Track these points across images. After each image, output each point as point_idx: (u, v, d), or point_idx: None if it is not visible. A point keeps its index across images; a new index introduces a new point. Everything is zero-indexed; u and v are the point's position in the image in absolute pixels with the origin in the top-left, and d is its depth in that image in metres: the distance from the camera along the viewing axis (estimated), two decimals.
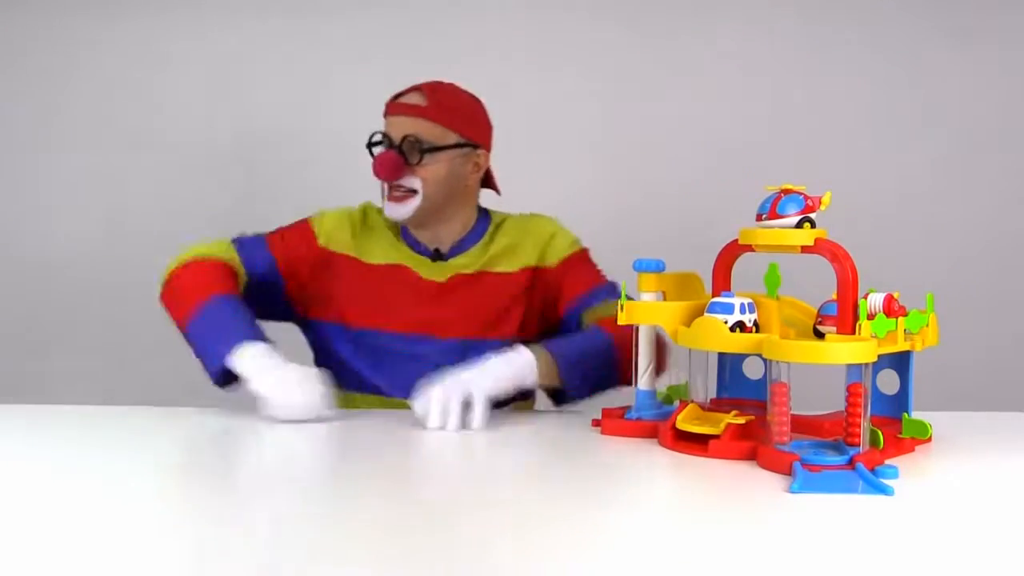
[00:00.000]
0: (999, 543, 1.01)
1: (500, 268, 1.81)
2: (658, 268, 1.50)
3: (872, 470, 1.24)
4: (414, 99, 1.77)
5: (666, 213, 2.83)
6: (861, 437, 1.28)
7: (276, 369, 1.55)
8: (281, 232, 1.85)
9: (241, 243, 1.82)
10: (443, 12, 2.84)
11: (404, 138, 1.74)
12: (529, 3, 2.85)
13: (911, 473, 1.26)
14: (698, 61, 2.84)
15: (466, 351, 1.72)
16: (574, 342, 1.68)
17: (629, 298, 1.48)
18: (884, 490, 1.16)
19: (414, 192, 1.75)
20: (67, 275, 2.90)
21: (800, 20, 2.84)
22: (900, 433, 1.39)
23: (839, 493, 1.16)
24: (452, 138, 1.77)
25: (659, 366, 1.55)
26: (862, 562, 0.95)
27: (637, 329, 1.52)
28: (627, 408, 1.53)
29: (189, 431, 1.54)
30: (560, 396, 1.66)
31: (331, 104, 2.84)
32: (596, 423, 1.53)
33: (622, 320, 1.47)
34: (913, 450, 1.39)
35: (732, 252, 1.47)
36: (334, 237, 1.82)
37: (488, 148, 1.86)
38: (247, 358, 1.56)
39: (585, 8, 2.85)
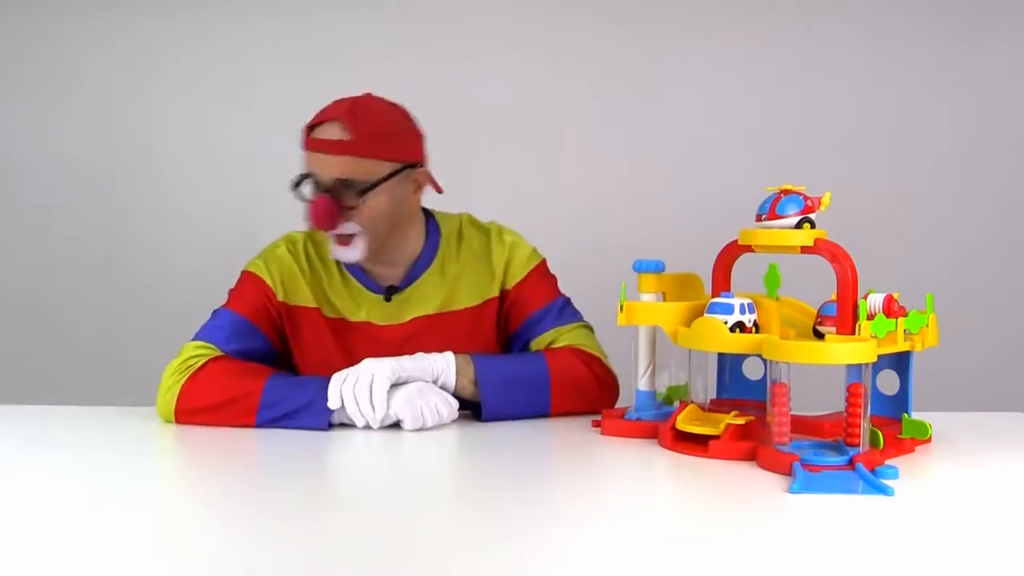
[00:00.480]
0: (999, 543, 1.01)
1: (462, 304, 1.72)
2: (658, 268, 1.50)
3: (872, 470, 1.24)
4: (335, 133, 1.58)
5: (666, 213, 2.83)
6: (861, 437, 1.28)
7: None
8: (230, 297, 1.71)
9: (204, 331, 1.67)
10: (443, 12, 2.84)
11: (335, 181, 1.58)
12: (529, 3, 2.85)
13: (911, 473, 1.26)
14: (698, 61, 2.84)
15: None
16: (504, 359, 1.64)
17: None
18: (884, 490, 1.16)
19: (352, 236, 1.61)
20: (67, 275, 2.90)
21: (800, 20, 2.84)
22: (900, 433, 1.39)
23: (839, 493, 1.16)
24: (386, 168, 1.61)
25: None
26: (862, 562, 0.95)
27: (637, 329, 1.52)
28: (627, 409, 1.53)
29: (189, 431, 1.54)
30: (479, 408, 1.59)
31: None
32: (596, 423, 1.53)
33: (622, 321, 1.47)
34: (913, 450, 1.39)
35: (732, 252, 1.47)
36: (291, 289, 1.70)
37: (423, 161, 1.69)
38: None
39: (585, 8, 2.85)
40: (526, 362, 1.64)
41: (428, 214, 1.78)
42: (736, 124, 2.85)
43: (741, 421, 1.36)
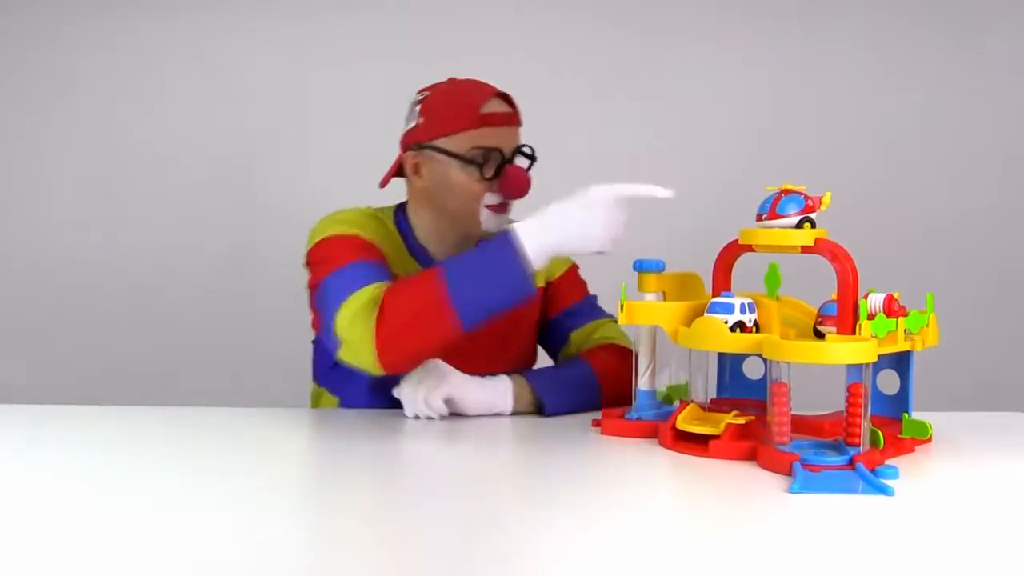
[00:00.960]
0: (999, 543, 1.01)
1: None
2: (658, 268, 1.50)
3: (872, 470, 1.23)
4: (507, 106, 1.68)
5: (666, 213, 2.82)
6: (861, 437, 1.28)
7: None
8: (337, 254, 1.59)
9: (344, 286, 1.53)
10: (443, 12, 2.85)
11: (515, 149, 1.67)
12: (529, 3, 2.85)
13: (911, 473, 1.26)
14: (698, 61, 2.84)
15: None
16: (551, 368, 1.73)
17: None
18: (884, 490, 1.16)
19: (510, 205, 1.68)
20: (67, 275, 2.90)
21: (800, 20, 2.84)
22: (900, 433, 1.39)
23: (839, 493, 1.16)
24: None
25: None
26: (862, 562, 0.95)
27: (638, 329, 1.52)
28: (627, 408, 1.53)
29: (189, 431, 1.54)
30: (543, 411, 1.63)
31: (331, 105, 2.85)
32: (596, 423, 1.53)
33: (622, 320, 1.46)
34: (913, 450, 1.39)
35: (732, 252, 1.47)
36: (383, 248, 1.66)
37: None
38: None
39: (585, 8, 2.85)
40: (574, 368, 1.70)
41: None
42: (736, 124, 2.85)
43: (741, 421, 1.36)
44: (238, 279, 2.87)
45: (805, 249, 1.37)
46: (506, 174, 1.64)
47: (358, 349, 1.47)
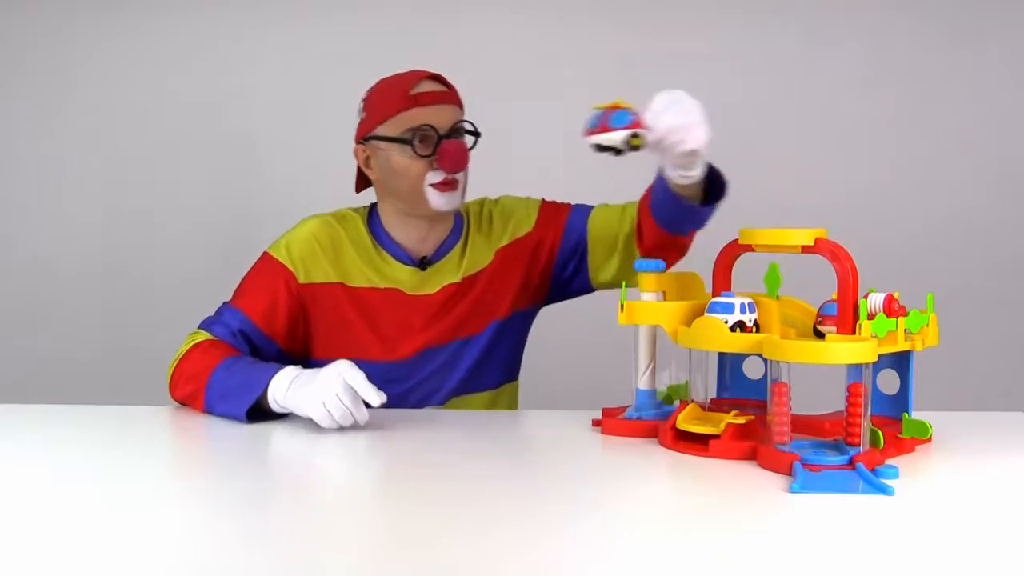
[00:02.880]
0: (999, 543, 1.01)
1: (480, 266, 1.78)
2: (658, 268, 1.50)
3: (872, 470, 1.23)
4: (439, 86, 1.72)
5: None
6: (861, 437, 1.28)
7: (307, 384, 1.48)
8: (244, 286, 1.74)
9: (209, 322, 1.71)
10: (443, 12, 2.85)
11: (453, 126, 1.69)
12: (529, 5, 2.85)
13: (911, 473, 1.26)
14: (698, 60, 2.84)
15: (463, 346, 1.76)
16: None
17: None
18: (884, 490, 1.16)
19: (458, 181, 1.70)
20: (67, 275, 2.90)
21: (800, 20, 2.84)
22: (900, 433, 1.39)
23: (839, 493, 1.16)
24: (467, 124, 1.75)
25: None
26: (862, 562, 0.95)
27: (638, 329, 1.52)
28: (627, 408, 1.53)
29: (189, 430, 1.54)
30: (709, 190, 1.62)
31: (331, 104, 2.85)
32: (596, 423, 1.53)
33: (622, 320, 1.46)
34: (913, 450, 1.39)
35: (732, 252, 1.47)
36: (312, 269, 1.72)
37: None
38: (278, 384, 1.51)
39: (585, 8, 2.85)
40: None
41: None
42: (736, 124, 2.84)
43: (741, 420, 1.36)
44: (238, 278, 2.87)
45: (805, 249, 1.37)
46: (440, 149, 1.67)
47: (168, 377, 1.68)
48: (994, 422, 1.59)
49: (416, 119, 1.67)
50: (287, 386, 1.50)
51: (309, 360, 1.77)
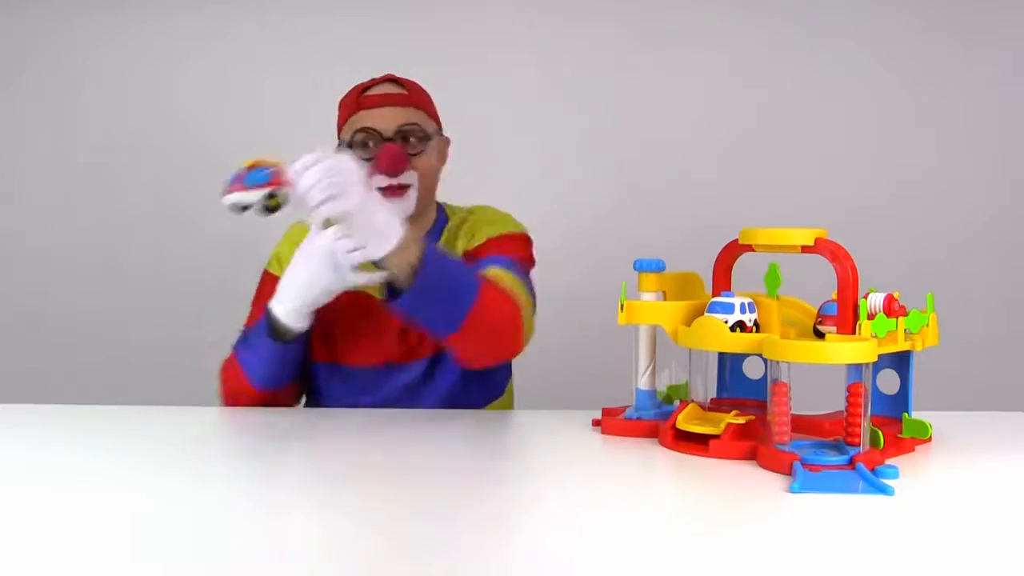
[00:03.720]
0: (999, 543, 1.01)
1: None
2: (658, 268, 1.50)
3: (872, 470, 1.24)
4: (393, 88, 1.68)
5: (666, 213, 2.83)
6: (861, 437, 1.28)
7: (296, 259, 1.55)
8: (252, 307, 1.78)
9: (234, 347, 1.73)
10: (442, 12, 2.85)
11: (399, 128, 1.64)
12: (529, 3, 2.85)
13: (911, 473, 1.26)
14: (698, 60, 2.84)
15: (433, 365, 1.72)
16: (449, 256, 1.55)
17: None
18: (884, 490, 1.16)
19: (407, 187, 1.63)
20: (68, 275, 2.90)
21: (799, 20, 2.84)
22: (900, 433, 1.39)
23: (839, 493, 1.16)
24: (432, 126, 1.71)
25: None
26: (862, 562, 0.95)
27: (638, 328, 1.52)
28: (627, 408, 1.53)
29: (191, 431, 1.54)
30: (398, 290, 1.48)
31: (332, 105, 2.84)
32: (596, 423, 1.53)
33: (622, 320, 1.46)
34: (913, 450, 1.39)
35: (732, 252, 1.47)
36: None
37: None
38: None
39: (586, 8, 2.85)
40: (463, 270, 1.54)
41: (439, 205, 1.80)
42: (736, 124, 2.85)
43: (741, 420, 1.36)
44: (238, 278, 2.88)
45: (805, 249, 1.37)
46: (376, 151, 1.63)
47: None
48: (994, 422, 1.59)
49: (363, 121, 1.65)
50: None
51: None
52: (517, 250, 1.72)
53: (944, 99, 2.83)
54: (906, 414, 1.42)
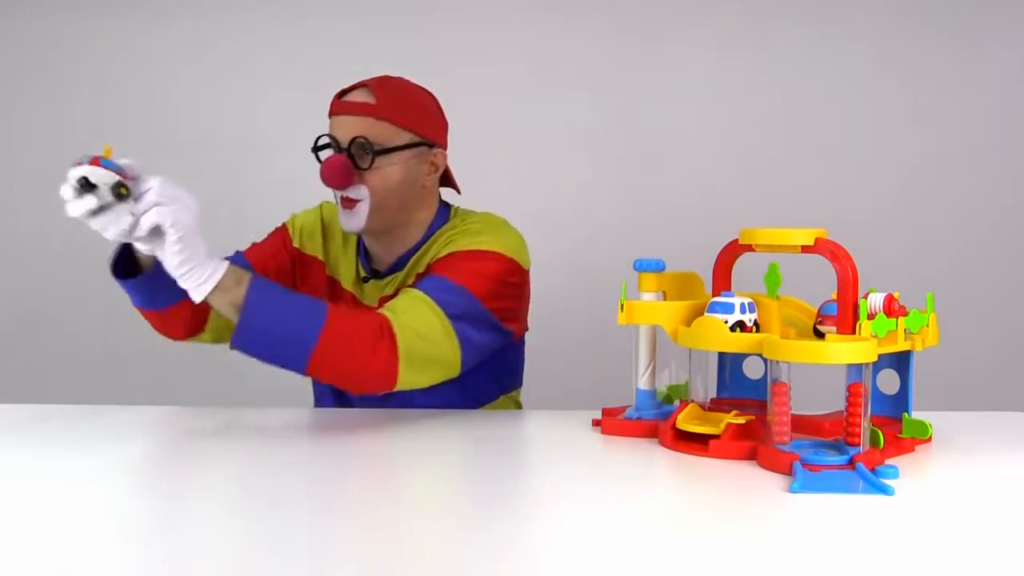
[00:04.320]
0: (999, 543, 1.01)
1: (411, 281, 1.68)
2: (658, 268, 1.50)
3: (872, 470, 1.24)
4: (361, 96, 1.62)
5: (666, 213, 2.83)
6: (861, 437, 1.28)
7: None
8: (256, 243, 1.81)
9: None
10: (442, 13, 2.85)
11: (353, 140, 1.59)
12: (529, 6, 2.85)
13: (911, 473, 1.26)
14: (698, 61, 2.84)
15: None
16: (287, 293, 1.45)
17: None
18: (884, 490, 1.16)
19: (356, 201, 1.61)
20: (67, 275, 2.90)
21: (798, 21, 2.84)
22: (900, 433, 1.39)
23: (839, 493, 1.16)
24: (405, 137, 1.62)
25: None
26: (862, 562, 0.95)
27: (637, 328, 1.52)
28: (627, 408, 1.53)
29: (191, 431, 1.54)
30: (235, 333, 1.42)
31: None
32: (596, 423, 1.53)
33: (622, 320, 1.46)
34: (913, 450, 1.39)
35: (732, 252, 1.47)
36: (307, 240, 1.80)
37: (445, 146, 1.72)
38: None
39: (585, 11, 2.85)
40: (304, 304, 1.45)
41: (447, 207, 1.77)
42: (736, 124, 2.85)
43: (741, 420, 1.36)
44: None
45: (805, 249, 1.37)
46: (322, 163, 1.62)
47: None
48: (994, 422, 1.59)
49: (329, 129, 1.65)
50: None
51: None
52: (472, 272, 1.58)
53: (944, 99, 2.83)
54: (906, 414, 1.42)
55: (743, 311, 1.37)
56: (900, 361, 1.44)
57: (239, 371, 2.83)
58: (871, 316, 1.33)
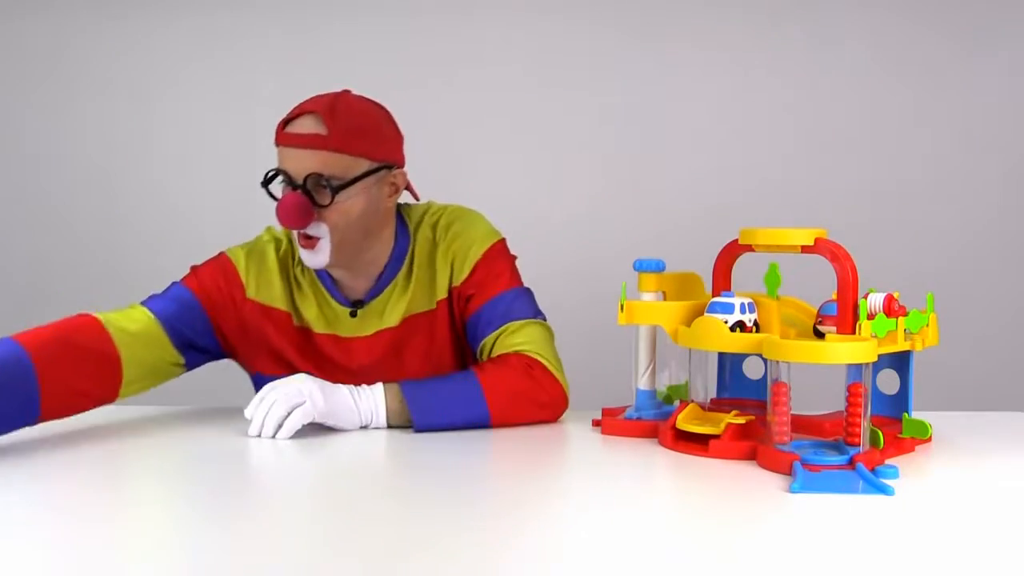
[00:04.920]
0: (999, 543, 1.01)
1: (420, 308, 1.65)
2: (658, 268, 1.50)
3: (872, 470, 1.24)
4: (310, 126, 1.51)
5: (666, 213, 2.83)
6: (861, 437, 1.28)
7: None
8: (195, 270, 1.67)
9: (151, 297, 1.63)
10: (442, 13, 2.84)
11: (307, 177, 1.50)
12: (529, 6, 2.85)
13: (911, 473, 1.26)
14: (698, 61, 2.84)
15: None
16: (434, 380, 1.56)
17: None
18: (884, 490, 1.16)
19: (315, 239, 1.54)
20: (67, 275, 2.90)
21: (799, 21, 2.84)
22: (900, 433, 1.39)
23: (839, 493, 1.16)
24: (363, 166, 1.53)
25: None
26: (862, 562, 0.95)
27: (637, 328, 1.52)
28: (627, 408, 1.53)
29: (190, 431, 1.54)
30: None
31: None
32: (596, 423, 1.53)
33: (622, 320, 1.46)
34: (913, 450, 1.39)
35: (732, 252, 1.47)
36: (264, 288, 1.64)
37: (402, 163, 1.62)
38: None
39: (585, 11, 2.85)
40: (455, 377, 1.56)
41: (397, 211, 1.69)
42: (736, 124, 2.85)
43: (741, 420, 1.36)
44: None
45: (805, 249, 1.37)
46: (279, 201, 1.52)
47: None
48: (994, 422, 1.59)
49: (278, 158, 1.55)
50: None
51: (251, 371, 1.71)
52: (505, 274, 1.65)
53: (944, 99, 2.83)
54: (906, 414, 1.42)
55: (743, 311, 1.37)
56: (900, 361, 1.44)
57: (238, 371, 2.83)
58: (871, 316, 1.33)
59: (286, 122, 1.55)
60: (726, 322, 1.36)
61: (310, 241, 1.55)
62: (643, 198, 2.84)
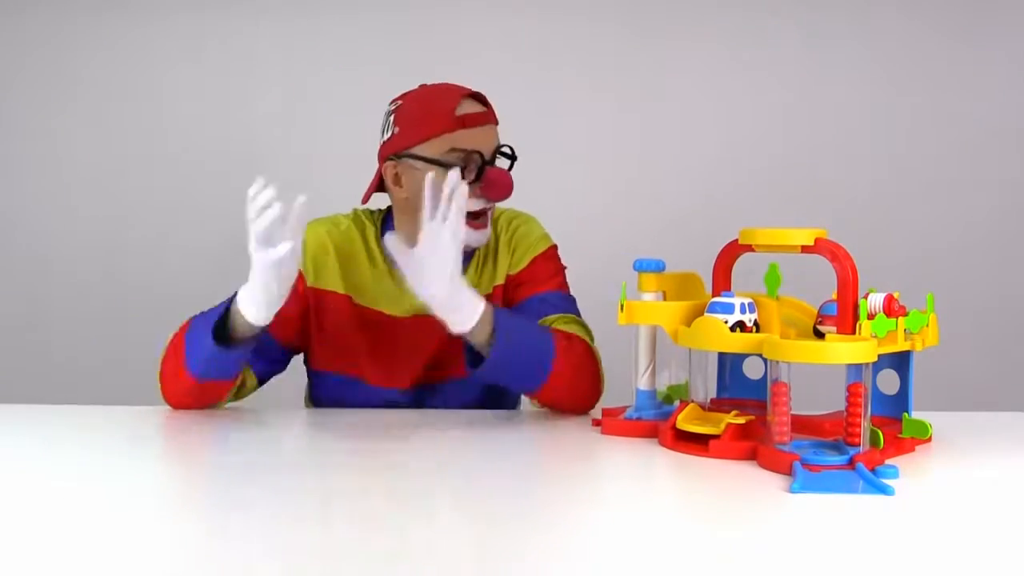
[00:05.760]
0: (999, 543, 1.01)
1: (481, 292, 1.62)
2: (658, 268, 1.50)
3: (872, 470, 1.24)
4: (477, 106, 1.63)
5: (666, 213, 2.83)
6: (861, 437, 1.28)
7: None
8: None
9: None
10: (442, 13, 2.85)
11: (496, 150, 1.62)
12: (530, 5, 2.85)
13: (911, 473, 1.26)
14: (698, 61, 2.84)
15: (464, 385, 1.69)
16: (525, 325, 1.55)
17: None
18: (884, 490, 1.16)
19: (487, 213, 1.62)
20: (68, 275, 2.90)
21: (800, 21, 2.84)
22: (900, 433, 1.39)
23: (839, 493, 1.16)
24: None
25: None
26: (862, 562, 0.95)
27: (637, 329, 1.52)
28: (627, 408, 1.53)
29: (190, 431, 1.54)
30: (479, 361, 1.52)
31: (332, 105, 2.85)
32: (596, 423, 1.53)
33: (622, 320, 1.47)
34: (913, 450, 1.39)
35: (732, 252, 1.47)
36: (321, 273, 1.68)
37: None
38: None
39: (586, 10, 2.85)
40: (535, 347, 1.54)
41: None
42: (736, 124, 2.85)
43: (741, 420, 1.36)
44: (238, 279, 2.88)
45: (805, 249, 1.37)
46: (487, 176, 1.59)
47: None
48: (994, 422, 1.59)
49: (463, 142, 1.59)
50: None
51: (309, 369, 1.76)
52: (557, 275, 1.74)
53: (944, 99, 2.83)
54: (906, 414, 1.42)
55: (743, 311, 1.37)
56: (900, 361, 1.44)
57: None
58: (871, 316, 1.33)
59: (453, 104, 1.60)
60: (726, 322, 1.36)
61: (482, 219, 1.62)
62: (643, 198, 2.85)
